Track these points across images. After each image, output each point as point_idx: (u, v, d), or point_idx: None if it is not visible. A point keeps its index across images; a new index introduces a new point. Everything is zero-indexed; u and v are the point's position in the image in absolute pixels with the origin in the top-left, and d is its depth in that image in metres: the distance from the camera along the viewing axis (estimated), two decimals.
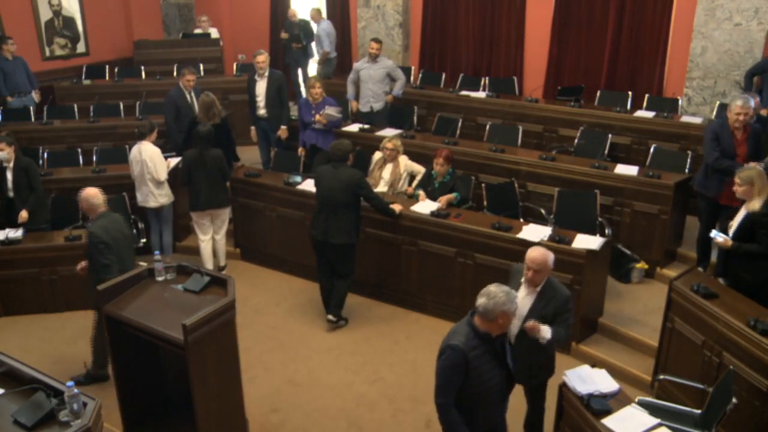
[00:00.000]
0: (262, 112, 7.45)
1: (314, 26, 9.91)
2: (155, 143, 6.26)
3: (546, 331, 3.58)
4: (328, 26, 9.83)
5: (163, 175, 6.14)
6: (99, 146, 7.30)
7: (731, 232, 4.50)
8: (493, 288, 3.09)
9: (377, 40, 7.85)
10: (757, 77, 6.87)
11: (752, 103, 5.25)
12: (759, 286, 4.32)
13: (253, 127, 7.68)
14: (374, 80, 7.78)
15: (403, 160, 6.31)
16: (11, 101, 8.27)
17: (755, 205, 4.34)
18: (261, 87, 7.38)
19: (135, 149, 6.18)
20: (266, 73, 7.36)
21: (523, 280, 3.74)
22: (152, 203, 6.26)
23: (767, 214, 4.28)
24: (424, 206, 5.79)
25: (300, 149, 7.21)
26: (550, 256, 3.67)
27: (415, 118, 8.18)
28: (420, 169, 6.32)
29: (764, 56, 7.37)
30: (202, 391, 3.68)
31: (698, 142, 6.41)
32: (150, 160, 6.09)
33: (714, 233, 4.53)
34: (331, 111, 6.87)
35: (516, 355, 3.55)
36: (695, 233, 5.81)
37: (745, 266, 4.40)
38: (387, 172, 6.27)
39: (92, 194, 4.51)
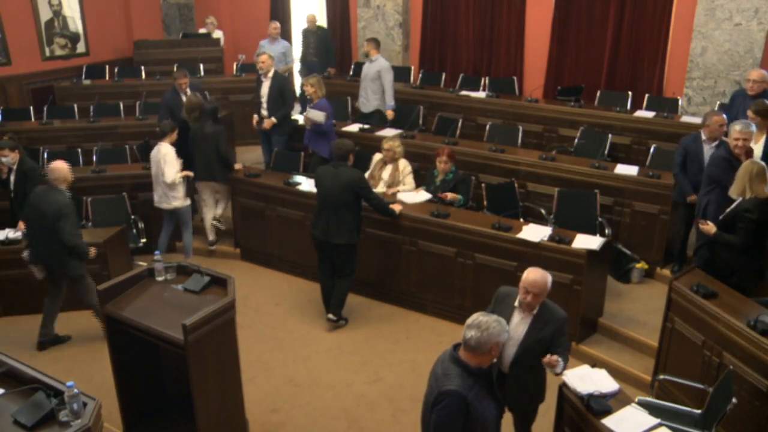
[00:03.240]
0: (264, 112, 7.44)
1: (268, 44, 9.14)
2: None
3: (561, 366, 3.40)
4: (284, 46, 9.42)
5: (169, 177, 6.09)
6: (99, 146, 7.30)
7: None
8: (483, 318, 2.85)
9: (369, 41, 7.81)
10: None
11: (753, 127, 5.03)
12: (729, 274, 4.51)
13: (255, 116, 7.59)
14: (368, 78, 7.80)
15: (403, 165, 6.28)
16: None
17: (746, 196, 4.44)
18: (265, 88, 7.38)
19: (155, 149, 6.21)
20: (270, 74, 7.36)
21: (517, 304, 3.53)
22: (165, 205, 6.27)
23: (749, 210, 4.39)
24: (413, 196, 5.87)
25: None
26: (549, 278, 3.46)
27: (420, 119, 8.18)
28: (410, 182, 6.28)
29: (765, 55, 7.39)
30: (202, 391, 3.68)
31: None
32: (163, 160, 6.10)
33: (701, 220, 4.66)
34: (314, 114, 6.82)
35: (509, 383, 3.49)
36: (694, 233, 5.79)
37: (723, 254, 4.57)
38: (386, 173, 6.26)
39: (52, 167, 5.00)
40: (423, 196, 5.94)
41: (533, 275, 3.42)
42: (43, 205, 4.89)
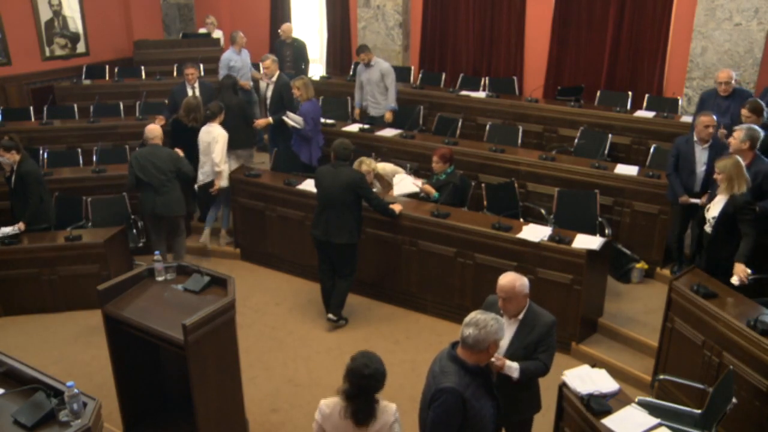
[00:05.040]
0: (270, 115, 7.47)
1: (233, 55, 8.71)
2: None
3: (513, 370, 3.32)
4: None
5: (217, 157, 6.41)
6: (99, 146, 7.30)
7: (711, 219, 4.65)
8: (481, 316, 2.85)
9: (363, 50, 7.72)
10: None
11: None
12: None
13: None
14: (372, 83, 7.81)
15: (382, 168, 6.25)
16: None
17: (736, 191, 4.47)
18: (269, 91, 7.41)
19: (204, 129, 6.53)
20: (274, 78, 7.34)
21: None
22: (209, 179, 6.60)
23: (750, 202, 4.46)
24: (402, 185, 5.98)
25: None
26: (519, 282, 3.35)
27: (421, 119, 8.15)
28: (397, 169, 6.35)
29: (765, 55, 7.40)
30: (202, 391, 3.68)
31: None
32: (214, 140, 6.42)
33: (735, 280, 4.43)
34: (289, 119, 6.84)
35: (499, 389, 3.37)
36: (689, 234, 5.80)
37: (724, 253, 4.58)
38: (375, 187, 6.18)
39: (148, 128, 5.97)
40: (410, 186, 6.02)
41: (503, 280, 3.38)
42: (157, 162, 5.81)
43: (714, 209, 4.65)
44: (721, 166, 4.55)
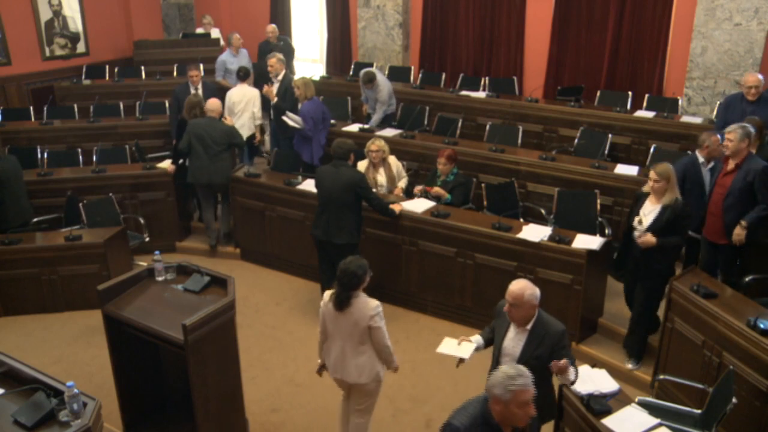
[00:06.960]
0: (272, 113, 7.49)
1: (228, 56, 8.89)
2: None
3: (572, 374, 3.29)
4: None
5: (259, 112, 7.48)
6: (99, 146, 7.30)
7: (643, 227, 4.57)
8: (503, 366, 2.69)
9: (367, 79, 7.70)
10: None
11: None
12: (667, 274, 4.62)
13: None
14: (371, 100, 7.98)
15: (393, 160, 6.27)
16: None
17: (669, 198, 4.46)
18: (274, 89, 7.44)
19: (237, 89, 7.47)
20: (279, 77, 7.34)
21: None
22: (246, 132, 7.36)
23: (685, 206, 4.49)
24: (416, 204, 5.81)
25: None
26: (529, 291, 3.26)
27: (426, 119, 8.14)
28: (402, 173, 6.33)
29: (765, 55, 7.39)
30: (202, 391, 3.68)
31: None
32: (253, 98, 7.48)
33: (638, 232, 4.56)
34: (289, 119, 6.87)
35: None
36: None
37: (657, 257, 4.54)
38: (381, 176, 6.21)
39: (209, 101, 6.58)
40: (424, 204, 5.90)
41: (513, 286, 3.31)
42: (210, 132, 6.37)
43: (650, 217, 4.54)
44: (661, 171, 4.45)
